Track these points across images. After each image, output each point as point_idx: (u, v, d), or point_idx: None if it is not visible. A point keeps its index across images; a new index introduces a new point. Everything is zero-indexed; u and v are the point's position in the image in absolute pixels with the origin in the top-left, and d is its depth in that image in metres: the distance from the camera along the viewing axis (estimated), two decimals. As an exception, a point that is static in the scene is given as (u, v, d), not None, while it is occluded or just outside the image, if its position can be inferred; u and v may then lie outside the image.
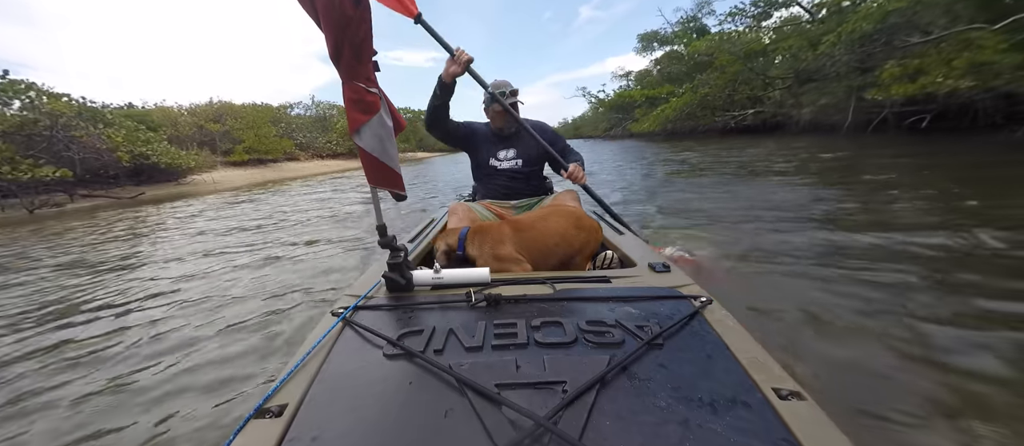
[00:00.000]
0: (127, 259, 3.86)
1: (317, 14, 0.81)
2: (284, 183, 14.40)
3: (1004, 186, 3.53)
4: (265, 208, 7.12)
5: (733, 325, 0.80)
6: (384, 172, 0.99)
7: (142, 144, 13.03)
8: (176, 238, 4.84)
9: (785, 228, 2.86)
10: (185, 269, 3.26)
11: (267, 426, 0.56)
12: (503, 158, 1.96)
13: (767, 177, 4.86)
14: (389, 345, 0.73)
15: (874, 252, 2.29)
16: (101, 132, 11.67)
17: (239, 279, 2.83)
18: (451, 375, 0.63)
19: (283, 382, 0.66)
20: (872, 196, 3.59)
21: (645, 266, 1.15)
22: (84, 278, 3.23)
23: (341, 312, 0.86)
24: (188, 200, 10.17)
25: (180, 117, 20.73)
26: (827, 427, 0.54)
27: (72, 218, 8.24)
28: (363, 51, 0.85)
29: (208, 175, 16.27)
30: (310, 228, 4.64)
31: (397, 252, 0.99)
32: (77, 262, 3.87)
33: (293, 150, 24.19)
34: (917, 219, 2.75)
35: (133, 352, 1.84)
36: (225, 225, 5.44)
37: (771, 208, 3.44)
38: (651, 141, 18.38)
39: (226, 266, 3.21)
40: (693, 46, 18.72)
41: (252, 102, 24.82)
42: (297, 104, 31.47)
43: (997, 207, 2.87)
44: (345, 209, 6.04)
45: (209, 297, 2.50)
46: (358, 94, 0.88)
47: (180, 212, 7.77)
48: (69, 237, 5.60)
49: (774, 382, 0.62)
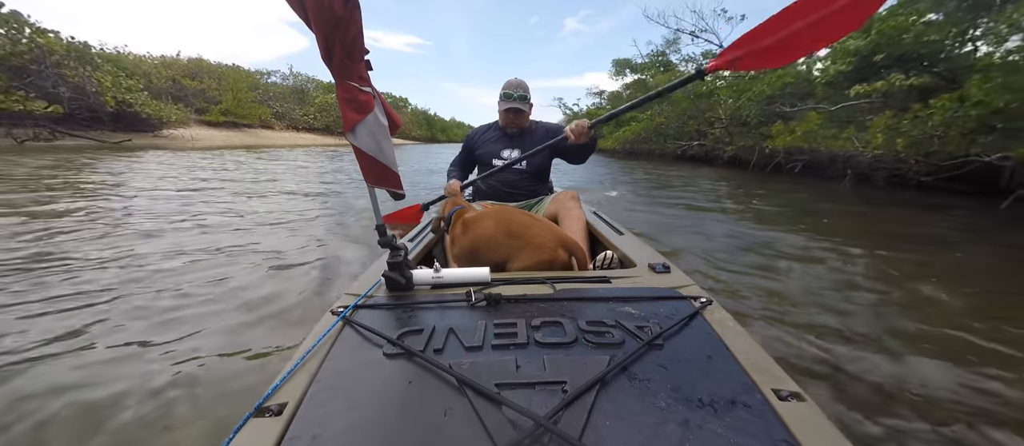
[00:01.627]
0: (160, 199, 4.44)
1: (307, 15, 0.81)
2: (265, 149, 14.63)
3: (798, 205, 5.52)
4: (262, 167, 7.92)
5: (733, 325, 0.80)
6: (381, 171, 0.99)
7: (125, 91, 13.24)
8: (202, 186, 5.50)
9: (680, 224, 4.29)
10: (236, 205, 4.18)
11: (267, 424, 0.57)
12: (507, 157, 1.99)
13: (680, 189, 6.76)
14: (389, 344, 0.73)
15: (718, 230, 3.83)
16: (90, 73, 11.88)
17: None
18: (451, 374, 0.63)
19: (283, 381, 0.66)
20: (747, 203, 5.55)
21: (645, 266, 1.16)
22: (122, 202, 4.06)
23: (341, 311, 0.87)
24: (175, 153, 10.51)
25: (153, 68, 20.39)
26: (827, 428, 0.55)
27: (61, 153, 8.49)
28: (355, 50, 0.85)
29: (185, 131, 16.41)
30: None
31: (397, 251, 0.99)
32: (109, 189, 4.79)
33: (269, 118, 24.23)
34: (768, 221, 4.32)
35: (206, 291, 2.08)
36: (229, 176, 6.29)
37: (676, 206, 5.18)
38: (613, 157, 20.45)
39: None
40: (656, 80, 21.10)
41: (220, 62, 24.56)
42: (275, 73, 31.10)
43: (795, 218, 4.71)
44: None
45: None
46: (351, 93, 0.88)
47: (179, 161, 8.36)
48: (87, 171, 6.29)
49: (774, 383, 0.63)
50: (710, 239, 3.33)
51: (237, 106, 21.24)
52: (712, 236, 3.44)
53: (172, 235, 3.00)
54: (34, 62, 10.85)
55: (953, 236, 3.72)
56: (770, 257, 2.83)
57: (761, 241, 3.27)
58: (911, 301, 2.11)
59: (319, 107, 28.18)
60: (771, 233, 3.60)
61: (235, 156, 10.36)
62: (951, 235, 3.77)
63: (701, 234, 3.53)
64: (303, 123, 27.96)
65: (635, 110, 1.32)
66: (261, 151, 13.46)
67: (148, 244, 2.76)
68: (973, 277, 2.57)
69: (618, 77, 29.60)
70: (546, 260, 1.19)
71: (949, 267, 2.77)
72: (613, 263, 1.37)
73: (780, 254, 2.91)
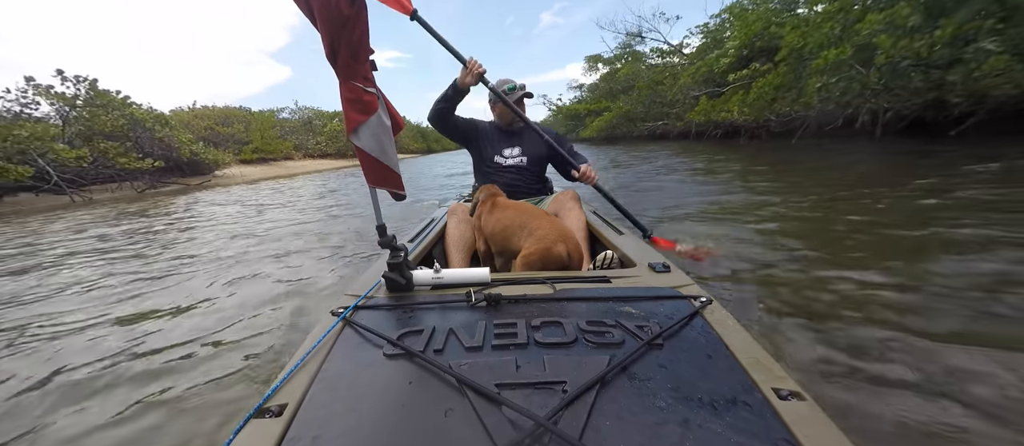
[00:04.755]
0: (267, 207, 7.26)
1: (313, 14, 0.80)
2: (294, 176, 18.29)
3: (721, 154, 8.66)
4: (301, 188, 10.83)
5: (733, 325, 0.81)
6: (383, 172, 0.99)
7: (190, 143, 16.53)
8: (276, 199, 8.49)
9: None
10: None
11: (267, 425, 0.57)
12: (508, 155, 1.99)
13: (644, 161, 9.73)
14: (389, 345, 0.74)
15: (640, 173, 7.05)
16: (169, 134, 15.16)
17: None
18: (451, 375, 0.63)
19: (283, 382, 0.66)
20: (667, 160, 8.73)
21: (645, 266, 1.17)
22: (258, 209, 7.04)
23: (341, 312, 0.87)
24: (240, 185, 14.06)
25: (191, 119, 23.78)
26: (827, 427, 0.55)
27: (169, 197, 11.30)
28: (360, 50, 0.85)
29: (233, 170, 19.71)
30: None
31: (397, 252, 0.99)
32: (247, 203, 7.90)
33: (290, 150, 27.60)
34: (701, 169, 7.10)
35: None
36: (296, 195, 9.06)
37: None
38: (594, 144, 23.77)
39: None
40: (621, 72, 24.29)
41: (240, 106, 28.08)
42: (284, 109, 34.59)
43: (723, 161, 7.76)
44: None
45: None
46: (355, 94, 0.88)
47: (249, 190, 11.49)
48: (204, 201, 9.17)
49: (774, 382, 0.63)
50: (660, 182, 6.06)
51: (265, 144, 24.60)
52: (663, 182, 6.01)
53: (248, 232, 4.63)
54: (131, 129, 14.12)
55: (781, 156, 7.08)
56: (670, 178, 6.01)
57: (687, 176, 6.27)
58: (755, 193, 4.35)
59: (329, 136, 31.53)
60: (693, 169, 6.90)
61: (270, 184, 13.73)
62: (779, 155, 7.11)
63: (658, 182, 6.06)
64: (317, 150, 31.31)
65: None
66: (291, 177, 17.17)
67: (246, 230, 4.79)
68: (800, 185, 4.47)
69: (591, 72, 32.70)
70: (545, 249, 1.24)
71: (783, 170, 5.79)
72: (613, 263, 1.38)
73: (691, 175, 6.05)
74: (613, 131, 23.22)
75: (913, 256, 2.05)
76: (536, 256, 1.24)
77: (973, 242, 2.11)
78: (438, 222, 1.91)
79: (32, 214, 8.76)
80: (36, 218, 7.80)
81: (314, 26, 0.83)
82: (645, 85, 19.47)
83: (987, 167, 3.95)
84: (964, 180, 3.53)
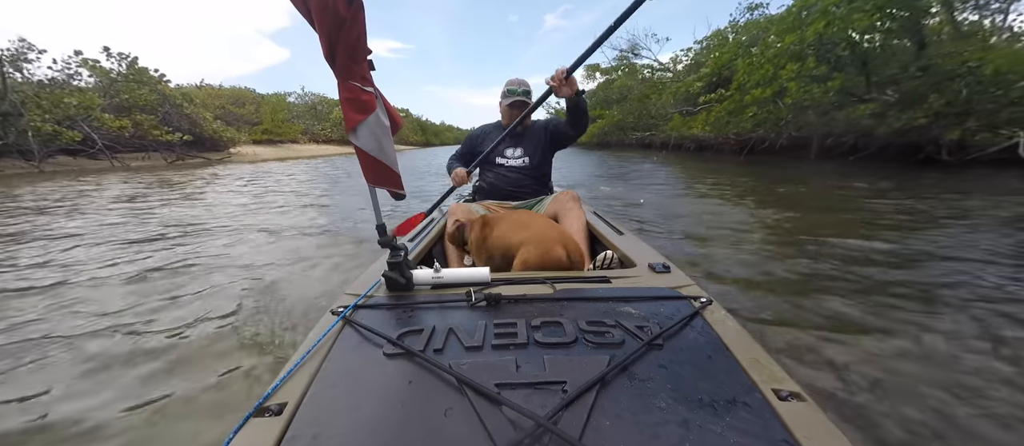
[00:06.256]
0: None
1: (310, 15, 0.81)
2: (302, 158, 19.54)
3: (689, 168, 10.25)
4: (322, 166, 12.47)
5: (733, 325, 0.81)
6: (382, 171, 1.00)
7: (212, 120, 17.83)
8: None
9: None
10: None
11: (267, 424, 0.57)
12: (511, 155, 2.02)
13: (635, 163, 11.75)
14: (389, 344, 0.74)
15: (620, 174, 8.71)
16: (195, 111, 16.46)
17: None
18: (451, 374, 0.64)
19: (283, 381, 0.66)
20: (638, 166, 10.52)
21: (645, 266, 1.17)
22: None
23: (341, 311, 0.87)
24: (255, 163, 15.50)
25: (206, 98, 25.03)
26: (827, 428, 0.55)
27: (196, 168, 12.47)
28: (357, 50, 0.85)
29: (245, 148, 20.98)
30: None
31: (397, 251, 1.00)
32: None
33: (297, 134, 28.88)
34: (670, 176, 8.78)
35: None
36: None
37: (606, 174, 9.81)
38: (587, 149, 25.63)
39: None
40: (616, 83, 26.04)
41: (248, 88, 29.30)
42: (291, 93, 35.84)
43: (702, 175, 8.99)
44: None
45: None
46: (354, 93, 0.89)
47: (270, 166, 12.92)
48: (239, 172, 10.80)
49: (774, 383, 0.63)
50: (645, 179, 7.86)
51: (275, 126, 25.89)
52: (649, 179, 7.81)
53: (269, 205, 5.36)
54: (160, 104, 15.41)
55: (740, 170, 8.75)
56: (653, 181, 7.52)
57: (667, 180, 7.66)
58: (719, 199, 5.45)
59: (334, 122, 32.87)
60: (670, 175, 8.45)
61: (281, 166, 14.58)
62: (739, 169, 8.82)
63: (642, 179, 7.85)
64: (322, 136, 32.56)
65: (599, 45, 1.59)
66: (297, 160, 18.42)
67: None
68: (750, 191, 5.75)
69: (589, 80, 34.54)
70: (545, 252, 1.24)
71: (737, 180, 7.25)
72: (613, 263, 1.39)
73: (672, 180, 7.62)
74: (605, 137, 25.09)
75: (795, 247, 2.83)
76: (535, 259, 1.24)
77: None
78: (437, 222, 1.93)
79: (81, 175, 9.83)
80: (87, 179, 8.78)
81: (312, 27, 0.83)
82: (636, 98, 21.26)
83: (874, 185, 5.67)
84: (851, 192, 5.20)
